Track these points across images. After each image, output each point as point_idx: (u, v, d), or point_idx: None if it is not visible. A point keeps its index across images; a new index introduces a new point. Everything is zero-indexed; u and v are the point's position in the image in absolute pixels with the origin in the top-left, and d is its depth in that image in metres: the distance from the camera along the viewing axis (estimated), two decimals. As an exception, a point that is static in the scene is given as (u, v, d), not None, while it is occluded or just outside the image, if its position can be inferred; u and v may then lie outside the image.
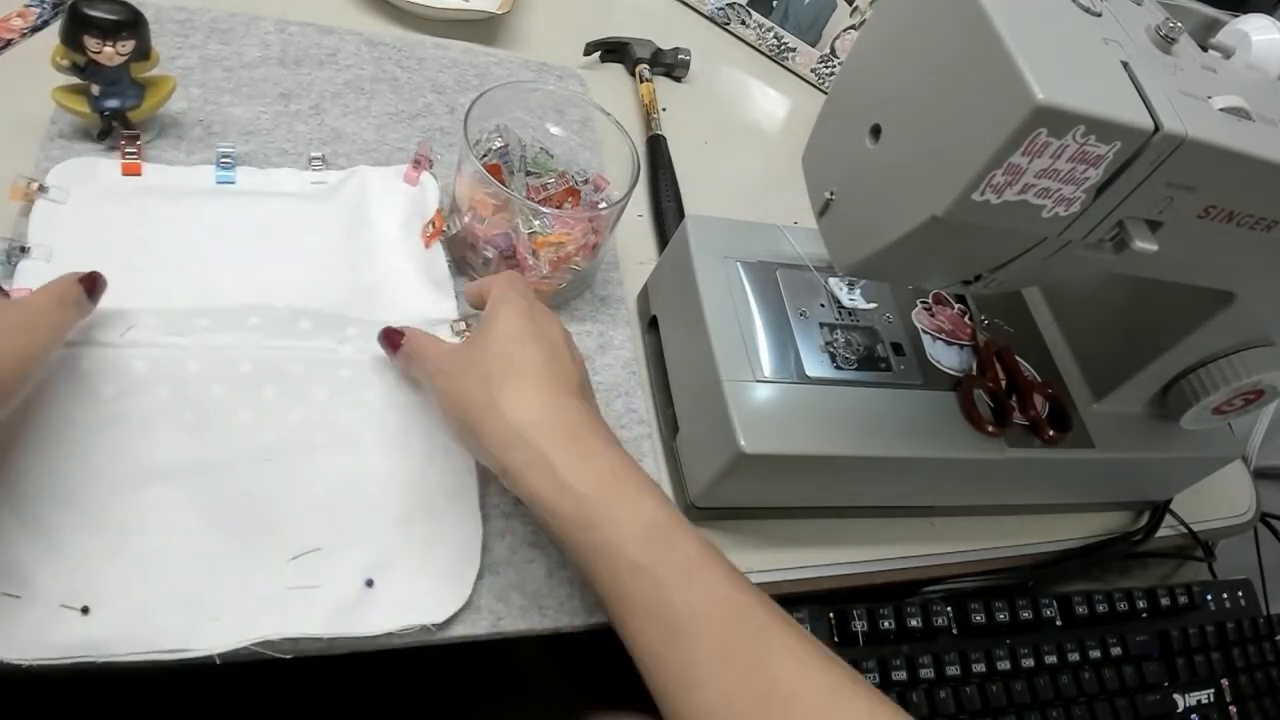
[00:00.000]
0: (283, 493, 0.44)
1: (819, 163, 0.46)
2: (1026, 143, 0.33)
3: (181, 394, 0.44)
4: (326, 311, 0.49)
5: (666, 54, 0.80)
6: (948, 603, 0.56)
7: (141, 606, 0.39)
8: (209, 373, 0.45)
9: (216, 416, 0.44)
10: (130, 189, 0.51)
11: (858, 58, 0.42)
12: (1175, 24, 0.38)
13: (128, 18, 0.48)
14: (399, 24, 0.71)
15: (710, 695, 0.35)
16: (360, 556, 0.43)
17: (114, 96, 0.51)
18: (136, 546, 0.40)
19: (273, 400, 0.46)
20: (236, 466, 0.44)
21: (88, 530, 0.40)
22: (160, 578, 0.40)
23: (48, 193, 0.49)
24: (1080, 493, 0.64)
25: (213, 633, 0.39)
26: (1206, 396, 0.54)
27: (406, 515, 0.45)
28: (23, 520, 0.39)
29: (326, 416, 0.46)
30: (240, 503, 0.43)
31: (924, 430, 0.52)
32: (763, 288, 0.54)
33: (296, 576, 0.42)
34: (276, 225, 0.53)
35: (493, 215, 0.53)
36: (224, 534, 0.42)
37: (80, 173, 0.51)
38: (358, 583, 0.42)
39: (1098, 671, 0.58)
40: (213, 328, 0.46)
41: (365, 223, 0.55)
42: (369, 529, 0.44)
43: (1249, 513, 0.74)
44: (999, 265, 0.42)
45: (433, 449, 0.47)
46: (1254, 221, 0.40)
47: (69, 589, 0.39)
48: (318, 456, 0.45)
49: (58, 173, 0.50)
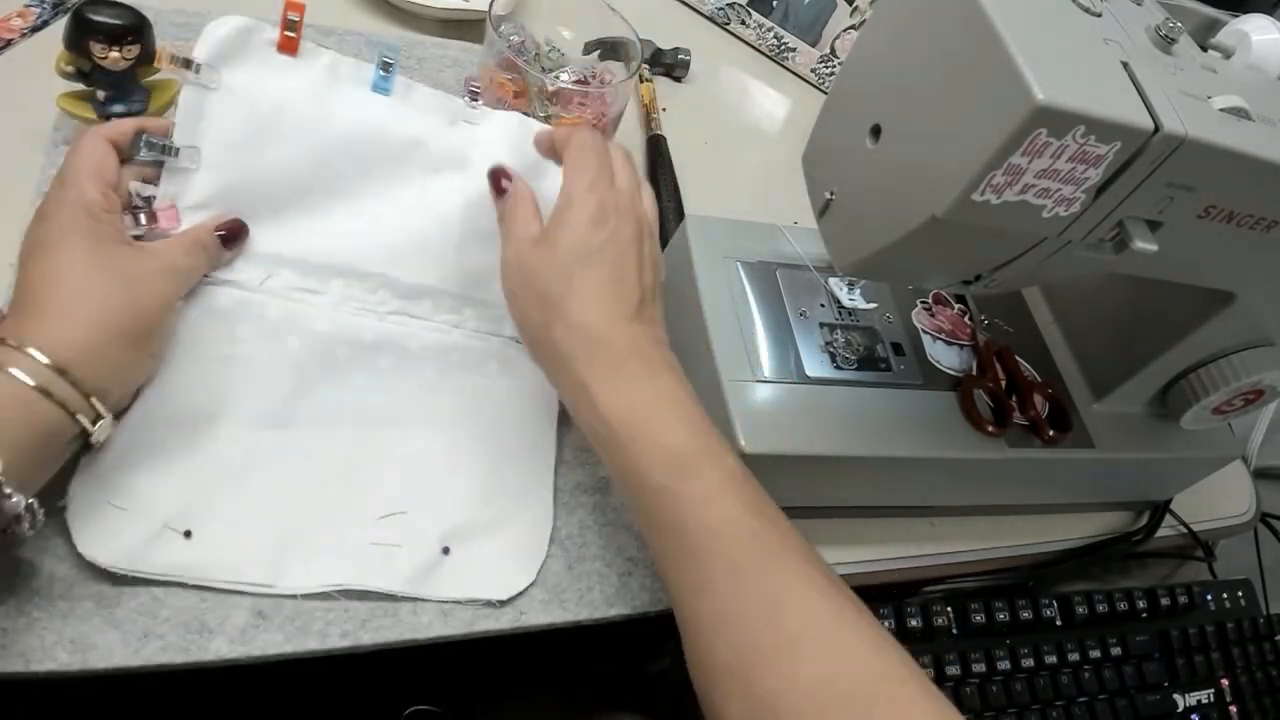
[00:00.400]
0: (379, 456, 0.47)
1: (819, 163, 0.46)
2: (1026, 143, 0.33)
3: (309, 349, 0.47)
4: (448, 293, 0.51)
5: (666, 54, 0.80)
6: (948, 603, 0.56)
7: (238, 540, 0.42)
8: (336, 334, 0.48)
9: (336, 376, 0.47)
10: (282, 75, 0.47)
11: (858, 58, 0.42)
12: (1175, 24, 0.38)
13: (133, 22, 0.48)
14: (399, 24, 0.71)
15: (719, 603, 0.37)
16: (440, 525, 0.46)
17: (119, 101, 0.51)
18: (243, 483, 0.43)
19: (386, 370, 0.49)
20: (343, 425, 0.47)
21: (201, 459, 0.43)
22: (260, 515, 0.43)
23: (198, 73, 0.44)
24: (1080, 493, 0.64)
25: (298, 575, 0.42)
26: (1206, 396, 0.54)
27: (485, 496, 0.47)
28: (140, 440, 0.41)
29: (430, 394, 0.49)
30: (341, 458, 0.46)
31: (924, 430, 0.52)
32: (763, 288, 0.54)
33: (380, 534, 0.44)
34: (420, 167, 0.50)
35: (512, 100, 0.59)
36: (321, 485, 0.45)
37: (233, 43, 0.45)
38: (435, 549, 0.45)
39: (1098, 671, 0.58)
40: (345, 290, 0.49)
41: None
42: (451, 502, 0.47)
43: (1249, 513, 0.74)
44: (999, 265, 0.42)
45: (520, 440, 0.50)
46: (1254, 221, 0.40)
47: (175, 511, 0.41)
48: (415, 428, 0.48)
49: (208, 38, 0.45)
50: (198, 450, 0.43)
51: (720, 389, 0.48)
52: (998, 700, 0.54)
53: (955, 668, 0.54)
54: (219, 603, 0.41)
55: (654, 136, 0.73)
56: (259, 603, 0.42)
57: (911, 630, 0.54)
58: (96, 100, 0.50)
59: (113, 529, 0.40)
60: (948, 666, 0.54)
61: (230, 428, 0.44)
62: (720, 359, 0.49)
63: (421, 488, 0.47)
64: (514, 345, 0.52)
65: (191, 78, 0.45)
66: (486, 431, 0.50)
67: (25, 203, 0.49)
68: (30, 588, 0.39)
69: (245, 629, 0.41)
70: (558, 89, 0.59)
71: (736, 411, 0.47)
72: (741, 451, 0.46)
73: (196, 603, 0.41)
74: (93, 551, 0.39)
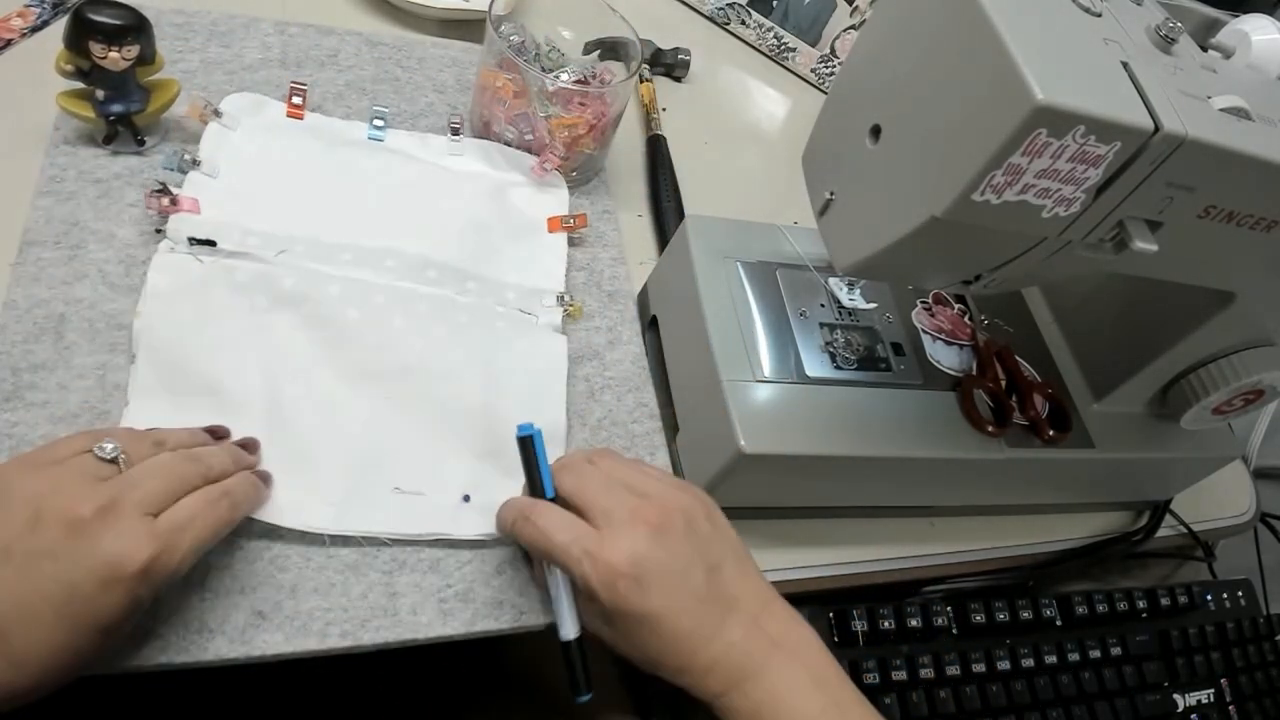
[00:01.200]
0: (397, 408, 0.49)
1: (819, 163, 0.46)
2: (1026, 143, 0.33)
3: (323, 312, 0.50)
4: (452, 265, 0.54)
5: (666, 54, 0.80)
6: (948, 603, 0.56)
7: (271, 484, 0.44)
8: (347, 297, 0.50)
9: (350, 335, 0.49)
10: (291, 129, 0.58)
11: (858, 58, 0.42)
12: (1175, 24, 0.38)
13: (132, 22, 0.48)
14: (399, 24, 0.71)
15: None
16: (459, 475, 0.48)
17: (119, 101, 0.51)
18: (270, 438, 0.45)
19: (399, 329, 0.51)
20: (360, 380, 0.49)
21: (228, 419, 0.45)
22: (288, 463, 0.45)
23: (221, 117, 0.55)
24: (1080, 493, 0.64)
25: (326, 518, 0.44)
26: (1206, 396, 0.54)
27: (501, 446, 0.48)
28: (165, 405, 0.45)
29: (443, 350, 0.51)
30: (362, 412, 0.48)
31: (924, 430, 0.52)
32: (763, 288, 0.54)
33: (404, 482, 0.47)
34: (417, 184, 0.58)
35: (513, 99, 0.60)
36: (344, 435, 0.47)
37: (250, 106, 0.57)
38: (456, 496, 0.47)
39: (1098, 671, 0.58)
40: (354, 262, 0.52)
41: (495, 195, 0.60)
42: (466, 452, 0.49)
43: (1249, 513, 0.74)
44: (999, 265, 0.42)
45: (531, 395, 0.52)
46: (1254, 221, 0.40)
47: None
48: (430, 382, 0.50)
49: (231, 101, 0.56)
50: (223, 411, 0.45)
51: (720, 389, 0.48)
52: (998, 700, 0.54)
53: (955, 668, 0.54)
54: (219, 603, 0.41)
55: (654, 136, 0.73)
56: (259, 602, 0.42)
57: (911, 630, 0.54)
58: (96, 100, 0.50)
59: None
60: (948, 666, 0.54)
61: (252, 388, 0.46)
62: (720, 359, 0.49)
63: (437, 439, 0.49)
64: (517, 315, 0.55)
65: (216, 121, 0.55)
66: (499, 385, 0.51)
67: (25, 203, 0.49)
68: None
69: (245, 629, 0.41)
70: (558, 89, 0.59)
71: (736, 411, 0.47)
72: (741, 451, 0.46)
73: (196, 603, 0.41)
74: None
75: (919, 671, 0.53)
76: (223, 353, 0.47)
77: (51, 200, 0.50)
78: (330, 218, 0.54)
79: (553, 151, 0.61)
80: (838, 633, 0.53)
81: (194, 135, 0.55)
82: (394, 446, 0.48)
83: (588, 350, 0.56)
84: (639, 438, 0.54)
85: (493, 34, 0.58)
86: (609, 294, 0.60)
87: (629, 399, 0.55)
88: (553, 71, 0.63)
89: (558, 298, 0.56)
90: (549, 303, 0.56)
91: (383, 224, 0.55)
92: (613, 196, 0.66)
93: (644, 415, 0.55)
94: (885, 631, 0.54)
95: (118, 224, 0.50)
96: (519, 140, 0.62)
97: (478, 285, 0.55)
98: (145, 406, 0.44)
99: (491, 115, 0.62)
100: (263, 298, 0.49)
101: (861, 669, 0.52)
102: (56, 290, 0.47)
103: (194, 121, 0.55)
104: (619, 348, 0.57)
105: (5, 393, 0.43)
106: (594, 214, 0.63)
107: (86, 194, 0.51)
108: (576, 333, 0.57)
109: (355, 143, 0.59)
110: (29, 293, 0.46)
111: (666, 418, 0.55)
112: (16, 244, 0.48)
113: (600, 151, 0.64)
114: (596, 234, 0.63)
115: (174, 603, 0.40)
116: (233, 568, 0.42)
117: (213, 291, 0.48)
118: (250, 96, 0.58)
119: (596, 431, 0.53)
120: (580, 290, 0.59)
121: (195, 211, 0.50)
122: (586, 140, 0.61)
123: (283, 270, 0.50)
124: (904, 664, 0.53)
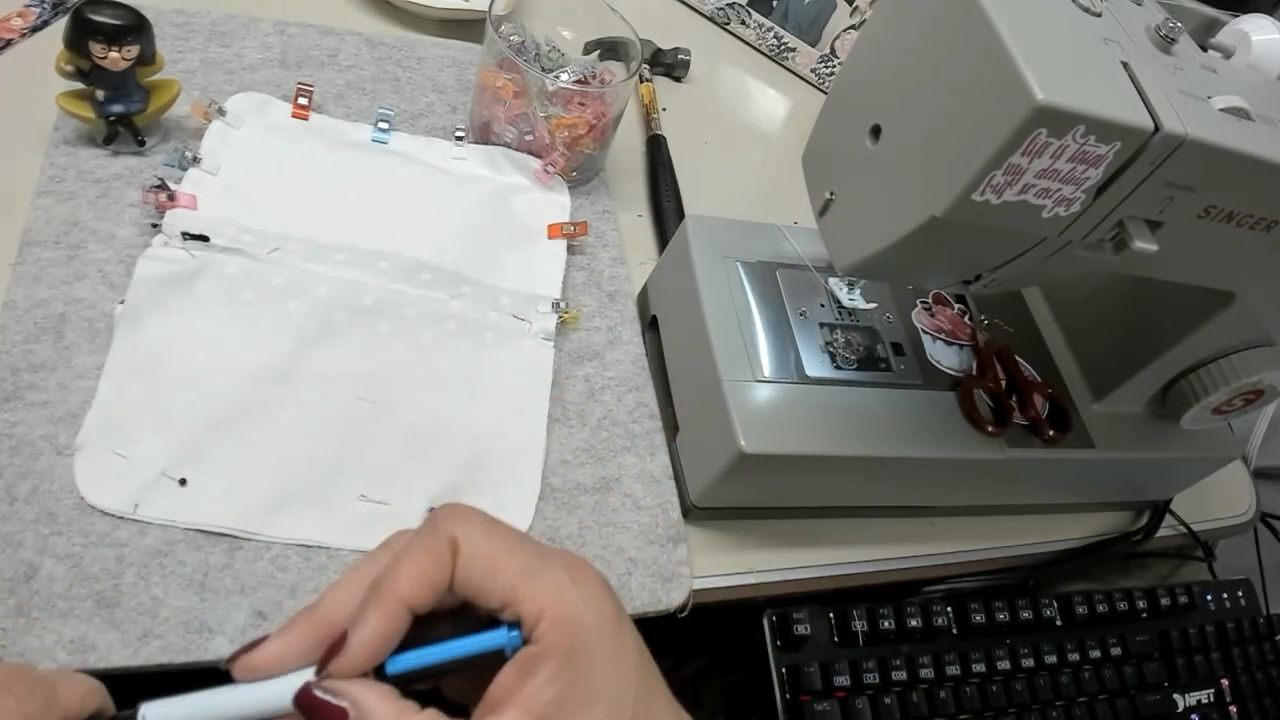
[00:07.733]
0: (375, 414, 0.48)
1: (819, 163, 0.46)
2: (1026, 143, 0.33)
3: (309, 312, 0.50)
4: (446, 269, 0.54)
5: (666, 54, 0.80)
6: (948, 603, 0.56)
7: (232, 488, 0.44)
8: (335, 299, 0.50)
9: (334, 336, 0.50)
10: (295, 129, 0.58)
11: (858, 58, 0.42)
12: (1175, 24, 0.38)
13: (132, 23, 0.48)
14: (399, 24, 0.71)
15: None
16: (428, 485, 0.47)
17: (119, 101, 0.51)
18: (241, 434, 0.45)
19: (385, 334, 0.51)
20: (342, 383, 0.48)
21: (199, 411, 0.45)
22: (255, 466, 0.44)
23: (225, 116, 0.55)
24: (1080, 493, 0.64)
25: (288, 526, 0.44)
26: (1206, 396, 0.54)
27: (476, 460, 0.49)
28: (142, 393, 0.44)
29: (427, 357, 0.51)
30: (336, 415, 0.48)
31: (924, 430, 0.52)
32: (763, 288, 0.54)
33: (370, 491, 0.46)
34: (418, 188, 0.59)
35: (513, 99, 0.60)
36: (317, 440, 0.46)
37: (256, 106, 0.57)
38: (420, 508, 0.46)
39: (1098, 671, 0.58)
40: (347, 262, 0.52)
41: (496, 200, 0.60)
42: (440, 464, 0.48)
43: (1249, 513, 0.74)
44: (999, 265, 0.42)
45: (513, 407, 0.51)
46: (1254, 221, 0.40)
47: (172, 460, 0.43)
48: (412, 390, 0.50)
49: (236, 101, 0.57)
50: (196, 402, 0.45)
51: (720, 389, 0.48)
52: (998, 700, 0.54)
53: (955, 668, 0.54)
54: (219, 603, 0.41)
55: (654, 136, 0.73)
56: (259, 602, 0.42)
57: (911, 630, 0.54)
58: (96, 100, 0.50)
59: (114, 476, 0.42)
60: (948, 666, 0.54)
61: (229, 381, 0.46)
62: (720, 359, 0.49)
63: (413, 448, 0.48)
64: (510, 320, 0.54)
65: (219, 119, 0.55)
66: (480, 396, 0.51)
67: (25, 203, 0.49)
68: (30, 588, 0.39)
69: (245, 629, 0.41)
70: (558, 89, 0.59)
71: (736, 411, 0.47)
72: (741, 451, 0.46)
73: (196, 603, 0.41)
74: (93, 497, 0.41)
75: (919, 671, 0.53)
76: (202, 343, 0.47)
77: (51, 200, 0.50)
78: (327, 218, 0.54)
79: (557, 154, 0.61)
80: (838, 633, 0.53)
81: (195, 136, 0.55)
82: (364, 453, 0.47)
83: (588, 350, 0.56)
84: (639, 438, 0.54)
85: (493, 34, 0.58)
86: (609, 294, 0.60)
87: (629, 399, 0.55)
88: (553, 71, 0.63)
89: (553, 304, 0.56)
90: (544, 309, 0.55)
91: (380, 226, 0.55)
92: (613, 196, 0.66)
93: (644, 415, 0.55)
94: (885, 631, 0.54)
95: (118, 224, 0.50)
96: (519, 140, 0.62)
97: (472, 289, 0.54)
98: (116, 391, 0.44)
99: (491, 115, 0.62)
100: (249, 293, 0.49)
101: (861, 669, 0.52)
102: (56, 290, 0.47)
103: (194, 122, 0.55)
104: (619, 348, 0.57)
105: (5, 393, 0.43)
106: (594, 214, 0.63)
107: (86, 194, 0.51)
108: (576, 333, 0.57)
109: (358, 145, 0.59)
110: (29, 293, 0.46)
111: (666, 418, 0.55)
112: (16, 244, 0.48)
113: (600, 152, 0.64)
114: (596, 234, 0.63)
115: (174, 603, 0.40)
116: (233, 568, 0.42)
117: (199, 284, 0.48)
118: (256, 96, 0.58)
119: (596, 431, 0.53)
120: (580, 290, 0.59)
121: (192, 207, 0.50)
122: (586, 140, 0.61)
123: (273, 268, 0.50)
124: (904, 664, 0.53)
